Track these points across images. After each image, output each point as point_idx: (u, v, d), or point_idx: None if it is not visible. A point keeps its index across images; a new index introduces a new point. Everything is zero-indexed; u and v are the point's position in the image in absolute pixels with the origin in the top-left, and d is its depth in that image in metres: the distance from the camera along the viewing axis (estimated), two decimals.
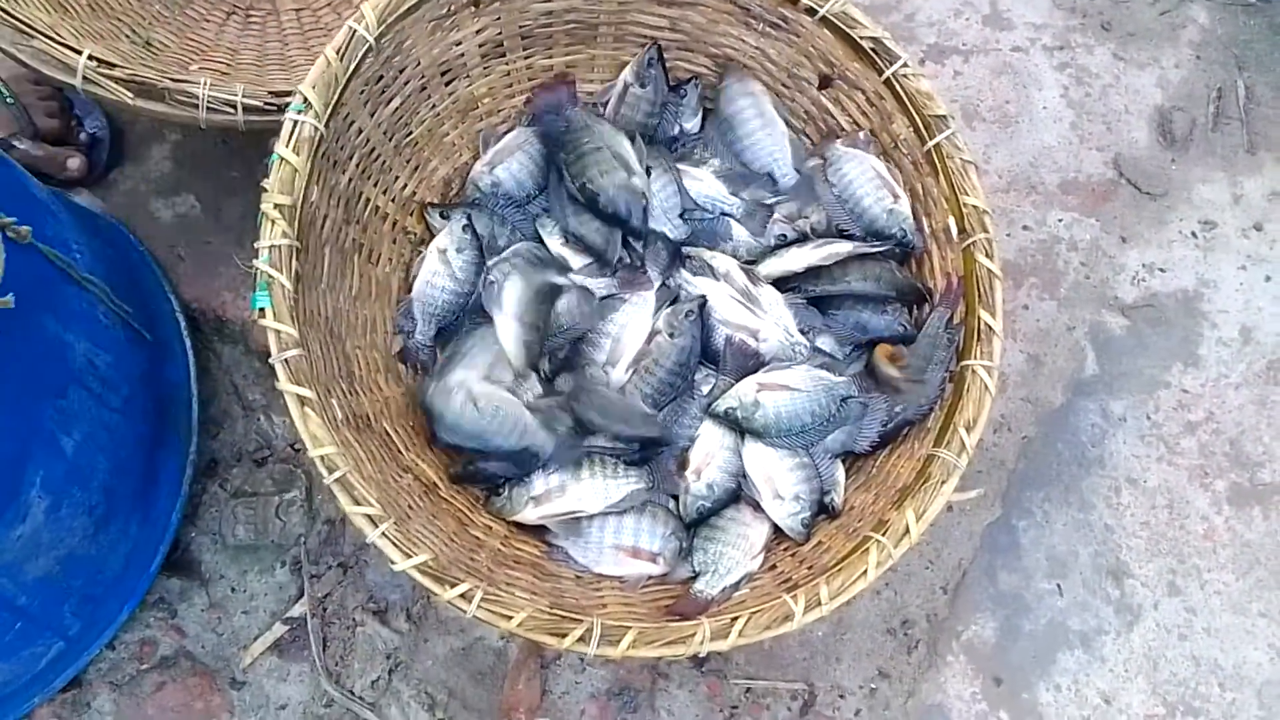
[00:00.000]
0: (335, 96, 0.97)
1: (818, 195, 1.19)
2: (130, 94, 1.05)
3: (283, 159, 0.92)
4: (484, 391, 1.03)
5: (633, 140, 1.17)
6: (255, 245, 0.89)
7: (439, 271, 1.12)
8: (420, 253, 1.18)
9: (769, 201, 1.20)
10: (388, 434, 1.04)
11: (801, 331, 1.13)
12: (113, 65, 1.05)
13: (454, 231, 1.13)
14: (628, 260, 1.16)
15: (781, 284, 1.16)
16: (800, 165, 1.21)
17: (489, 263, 1.13)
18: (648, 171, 1.17)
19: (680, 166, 1.21)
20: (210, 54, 1.36)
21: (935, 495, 0.93)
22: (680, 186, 1.19)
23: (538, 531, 1.06)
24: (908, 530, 0.91)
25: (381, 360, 1.09)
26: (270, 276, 0.88)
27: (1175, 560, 1.32)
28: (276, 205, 0.90)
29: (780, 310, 1.14)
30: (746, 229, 1.18)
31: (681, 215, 1.19)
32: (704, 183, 1.19)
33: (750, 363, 1.11)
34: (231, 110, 1.07)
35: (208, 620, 1.22)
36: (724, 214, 1.19)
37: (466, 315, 1.13)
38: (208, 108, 1.06)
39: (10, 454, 0.87)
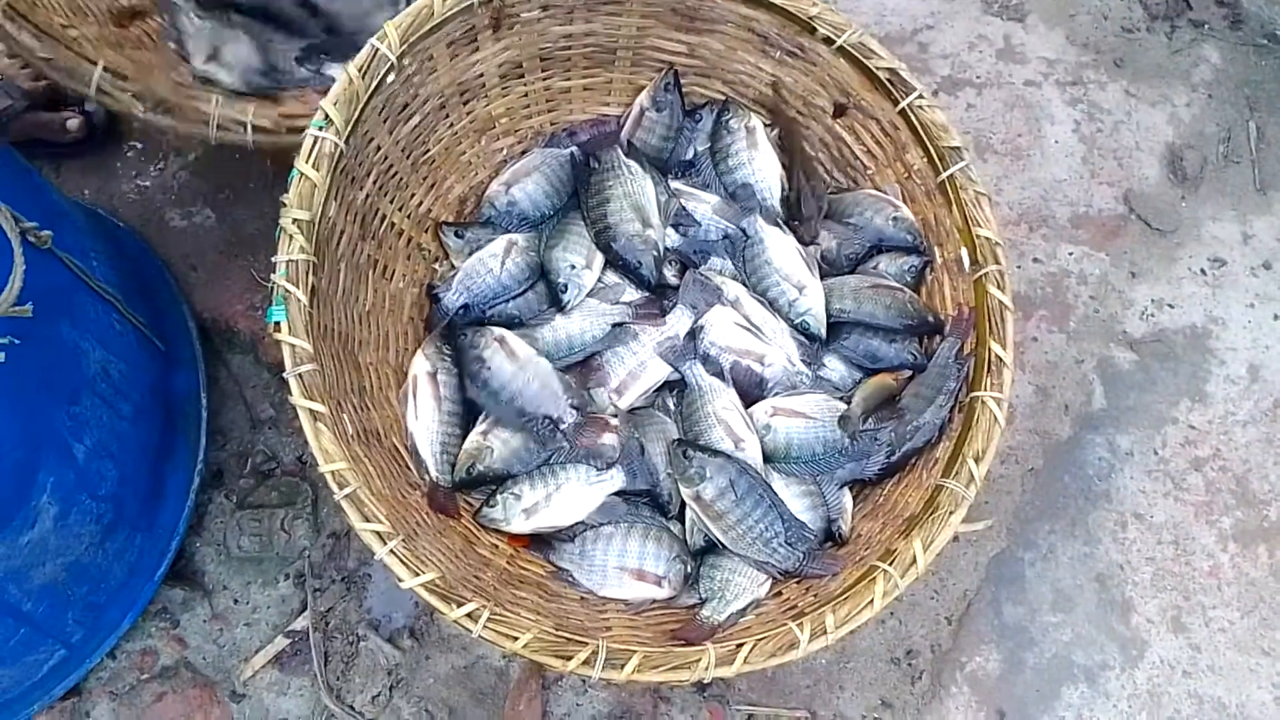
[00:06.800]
0: (356, 114, 0.97)
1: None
2: (142, 107, 1.05)
3: (302, 174, 0.92)
4: (520, 346, 1.08)
5: (655, 180, 1.18)
6: (273, 259, 0.89)
7: (497, 255, 1.14)
8: (435, 270, 1.19)
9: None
10: (396, 450, 1.04)
11: (805, 362, 1.14)
12: (125, 77, 1.05)
13: (527, 236, 1.17)
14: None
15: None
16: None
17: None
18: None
19: (686, 189, 1.22)
20: None
21: (943, 526, 0.93)
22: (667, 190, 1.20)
23: (543, 551, 1.06)
24: (915, 560, 0.90)
25: (393, 375, 1.10)
26: (287, 291, 0.88)
27: (1180, 597, 1.32)
28: (295, 220, 0.91)
29: (785, 339, 1.14)
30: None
31: (676, 227, 1.19)
32: (710, 205, 1.20)
33: (755, 389, 1.11)
34: (241, 129, 1.07)
35: (209, 631, 1.21)
36: (726, 236, 1.20)
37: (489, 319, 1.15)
38: (218, 125, 1.06)
39: (23, 459, 0.87)
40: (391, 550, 0.82)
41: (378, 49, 0.99)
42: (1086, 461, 1.38)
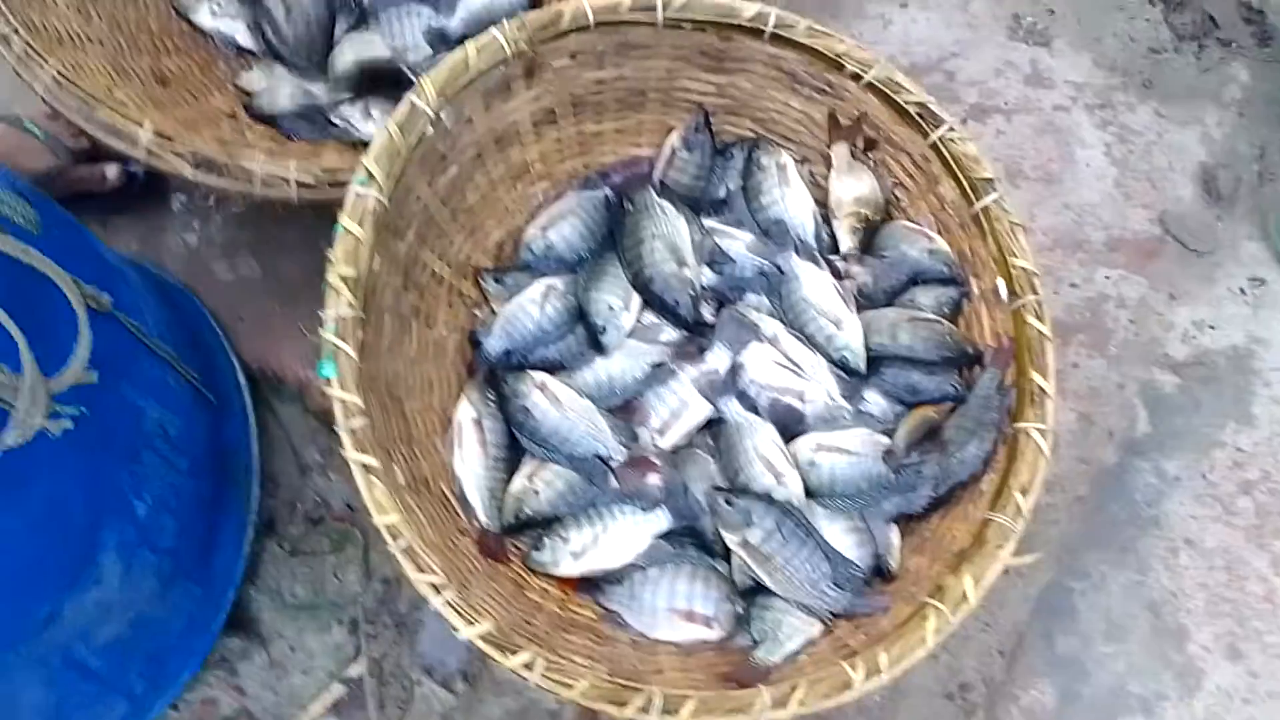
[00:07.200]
0: (398, 169, 1.00)
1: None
2: (189, 167, 1.08)
3: (347, 230, 0.94)
4: (562, 390, 1.10)
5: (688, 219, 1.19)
6: (320, 314, 0.91)
7: (535, 300, 1.15)
8: (476, 316, 1.21)
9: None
10: (445, 496, 1.06)
11: (844, 397, 1.14)
12: (171, 139, 1.08)
13: (564, 279, 1.17)
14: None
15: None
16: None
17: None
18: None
19: (720, 226, 1.23)
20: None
21: (992, 560, 0.93)
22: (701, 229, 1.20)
23: (592, 594, 1.06)
24: (965, 596, 0.90)
25: (439, 421, 1.11)
26: (336, 347, 0.90)
27: (1235, 623, 1.30)
28: (341, 276, 0.93)
29: (824, 374, 1.14)
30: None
31: (711, 265, 1.20)
32: (744, 242, 1.21)
33: (795, 425, 1.11)
34: (285, 184, 1.10)
35: (267, 679, 1.23)
36: (762, 273, 1.20)
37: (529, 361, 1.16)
38: (263, 182, 1.09)
39: (88, 519, 0.89)
40: (447, 601, 0.84)
41: (415, 104, 1.01)
42: (1134, 488, 1.36)
